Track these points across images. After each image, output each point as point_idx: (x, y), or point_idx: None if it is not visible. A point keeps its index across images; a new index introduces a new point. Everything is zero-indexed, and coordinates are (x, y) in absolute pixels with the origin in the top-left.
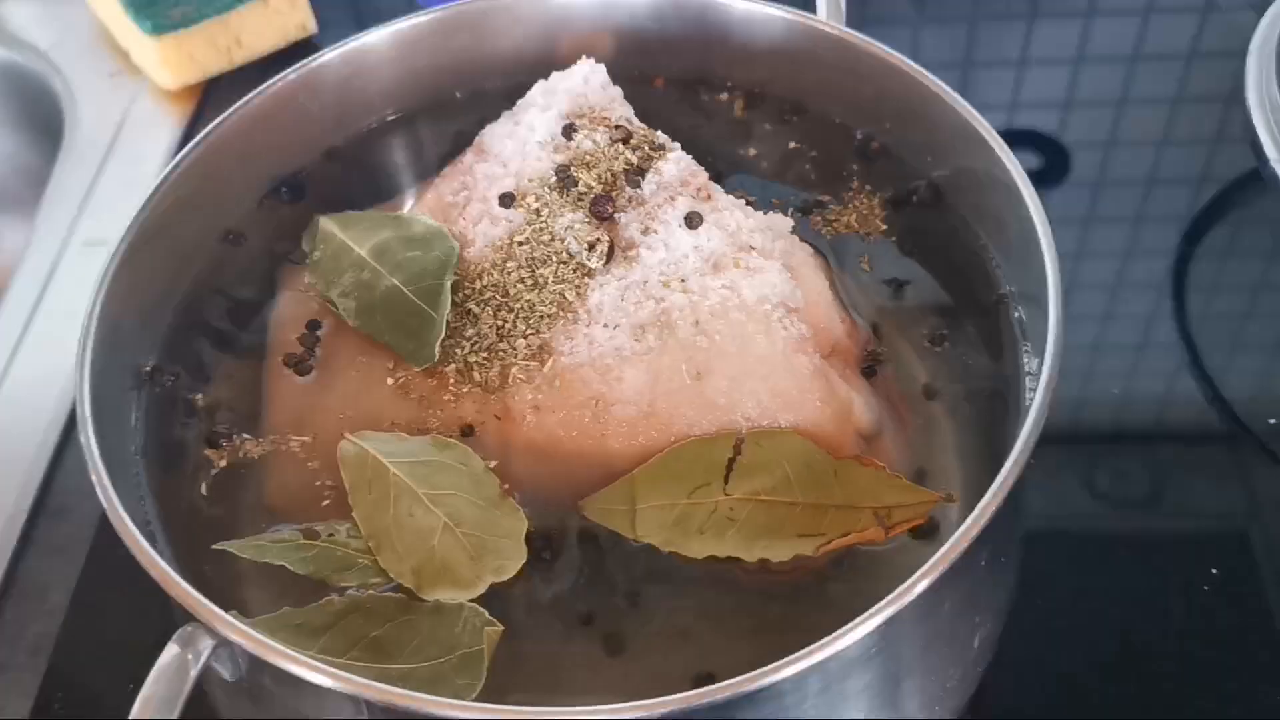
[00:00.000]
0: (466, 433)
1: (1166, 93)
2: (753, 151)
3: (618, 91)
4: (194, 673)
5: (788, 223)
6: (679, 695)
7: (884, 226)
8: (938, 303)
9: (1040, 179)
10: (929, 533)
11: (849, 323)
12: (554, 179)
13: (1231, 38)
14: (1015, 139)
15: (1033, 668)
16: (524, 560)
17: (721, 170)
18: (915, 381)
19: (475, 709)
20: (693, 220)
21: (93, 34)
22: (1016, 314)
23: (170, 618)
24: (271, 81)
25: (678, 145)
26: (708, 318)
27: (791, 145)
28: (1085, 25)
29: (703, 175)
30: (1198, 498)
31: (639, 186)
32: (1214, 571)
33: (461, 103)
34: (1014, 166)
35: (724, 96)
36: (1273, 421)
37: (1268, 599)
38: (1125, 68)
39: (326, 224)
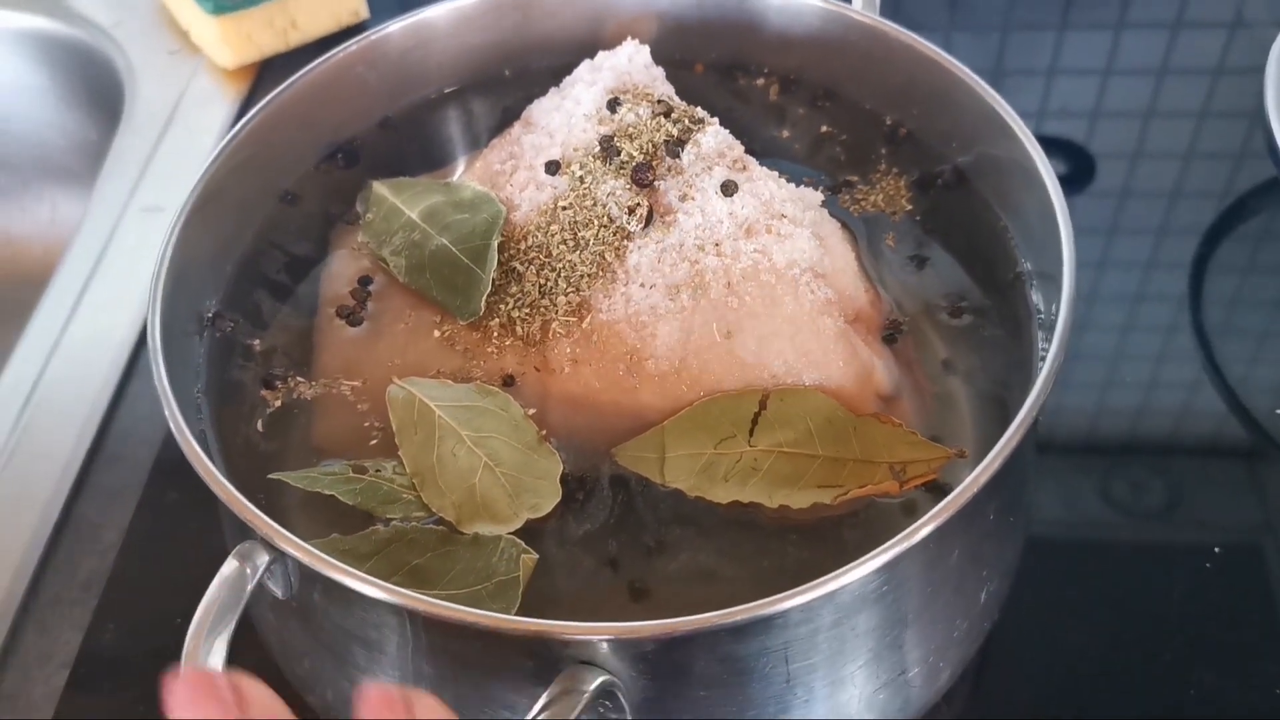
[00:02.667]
0: (508, 382)
1: (1193, 106)
2: (786, 134)
3: (660, 71)
4: (250, 585)
5: (818, 196)
6: (698, 616)
7: (909, 207)
8: (958, 279)
9: (1066, 187)
10: (941, 489)
11: (873, 293)
12: (598, 148)
13: (1258, 53)
14: (1044, 146)
15: (1034, 664)
16: (559, 499)
17: (756, 151)
18: (934, 352)
19: (510, 621)
20: (728, 188)
21: (154, 13)
22: (1033, 292)
23: (217, 556)
24: (333, 52)
25: (716, 120)
26: (739, 279)
27: (823, 129)
28: (1115, 37)
29: (739, 148)
30: (1215, 509)
31: (678, 157)
32: (1227, 582)
33: (510, 80)
34: (1036, 151)
35: (760, 81)
36: None
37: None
38: (1153, 80)
39: (379, 188)
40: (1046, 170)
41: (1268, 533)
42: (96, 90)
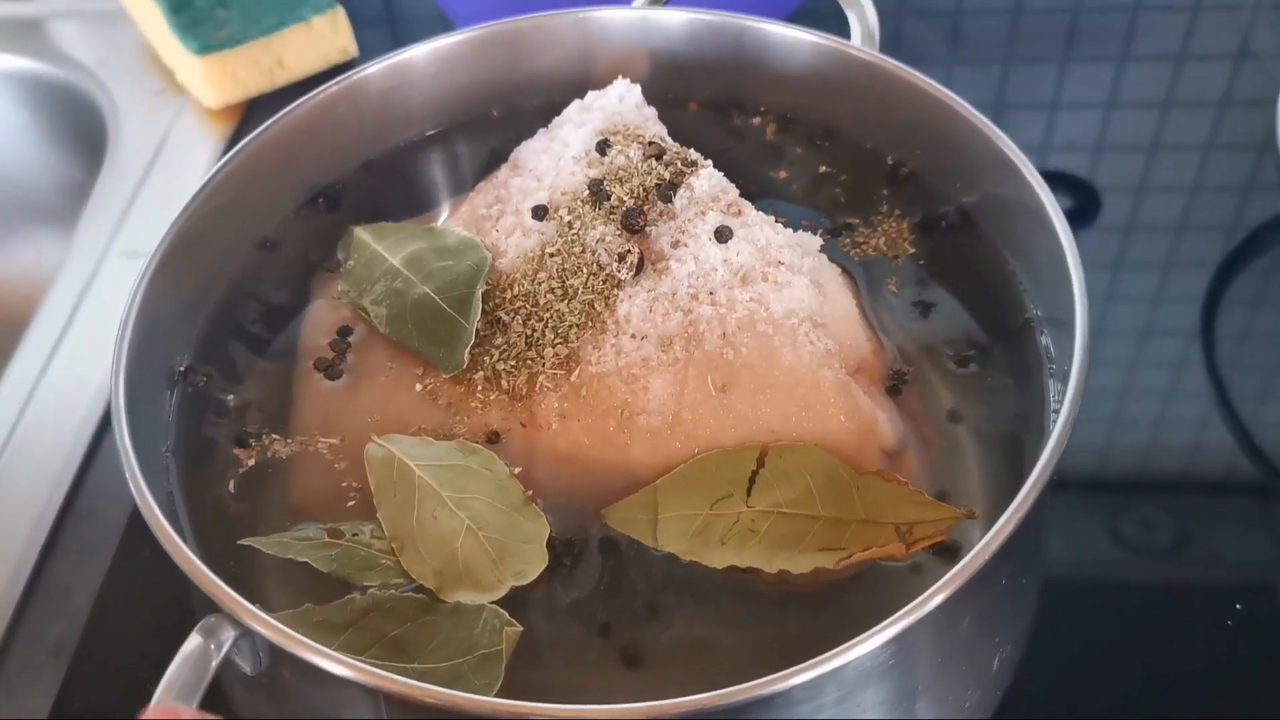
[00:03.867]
0: (492, 439)
1: (1199, 138)
2: (784, 174)
3: (652, 111)
4: (215, 662)
5: (816, 241)
6: (693, 698)
7: (912, 250)
8: (964, 326)
9: (1071, 222)
10: (950, 551)
11: (875, 342)
12: (587, 192)
13: (1266, 85)
14: (1047, 181)
15: (1053, 708)
16: (545, 565)
17: (752, 192)
18: (940, 403)
19: (491, 705)
20: (723, 234)
21: (139, 53)
22: (1043, 338)
23: (191, 622)
24: (313, 94)
25: (709, 162)
26: (734, 330)
27: (822, 169)
28: (1118, 70)
29: (734, 191)
30: (1226, 547)
31: (671, 201)
32: (1240, 622)
33: (498, 120)
34: (1044, 192)
35: (756, 120)
36: None
37: None
38: (1159, 113)
39: (361, 234)
40: (1055, 211)
41: None
42: (81, 131)
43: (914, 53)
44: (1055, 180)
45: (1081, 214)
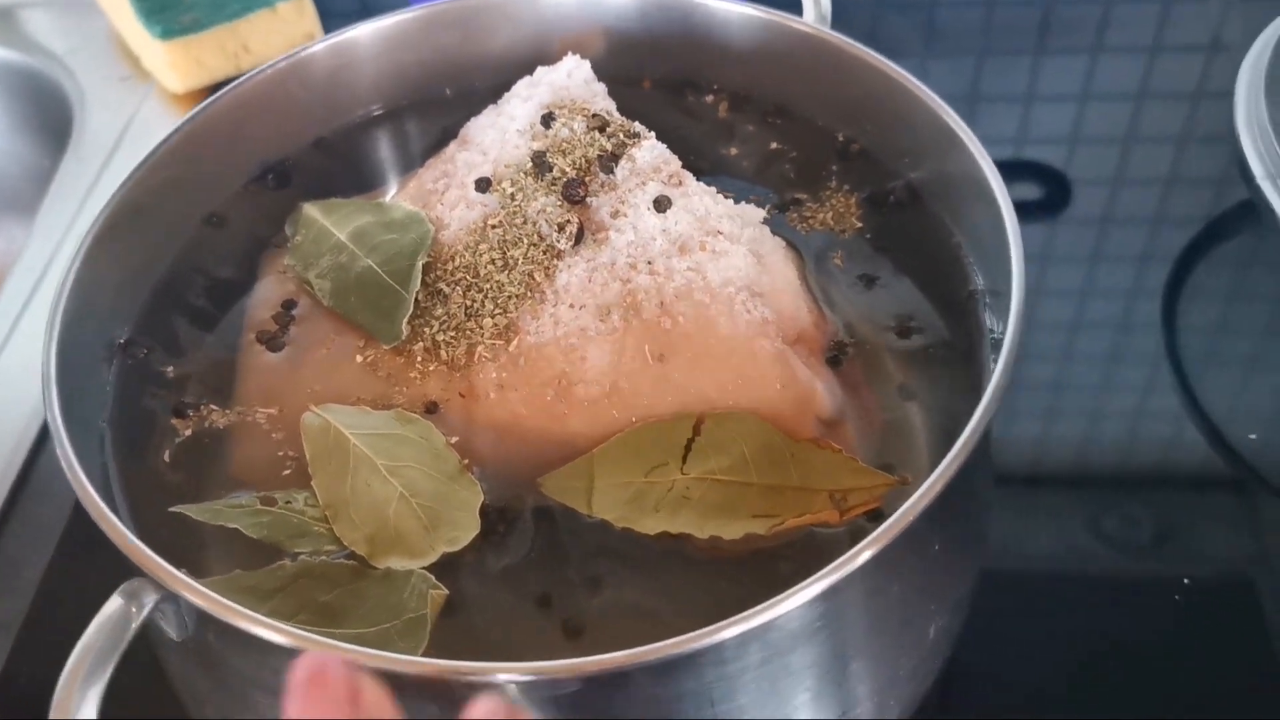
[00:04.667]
0: (431, 409)
1: (1171, 130)
2: (734, 151)
3: (601, 87)
4: (135, 625)
5: (759, 213)
6: (618, 654)
7: (860, 225)
8: (909, 299)
9: (1043, 212)
10: (884, 518)
11: (817, 314)
12: (530, 165)
13: (1235, 76)
14: (1018, 171)
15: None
16: (476, 531)
17: (703, 169)
18: (884, 375)
19: (408, 662)
20: (661, 204)
21: (108, 41)
22: (986, 310)
23: None
24: (260, 69)
25: (652, 134)
26: (672, 299)
27: (773, 145)
28: (1091, 62)
29: (676, 163)
30: (1181, 535)
31: (612, 172)
32: (1186, 605)
33: (451, 100)
34: (986, 164)
35: (709, 98)
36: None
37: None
38: (1131, 104)
39: (310, 209)
40: (998, 183)
41: (1252, 564)
42: (48, 118)
43: (889, 45)
44: (1027, 171)
45: (1053, 205)
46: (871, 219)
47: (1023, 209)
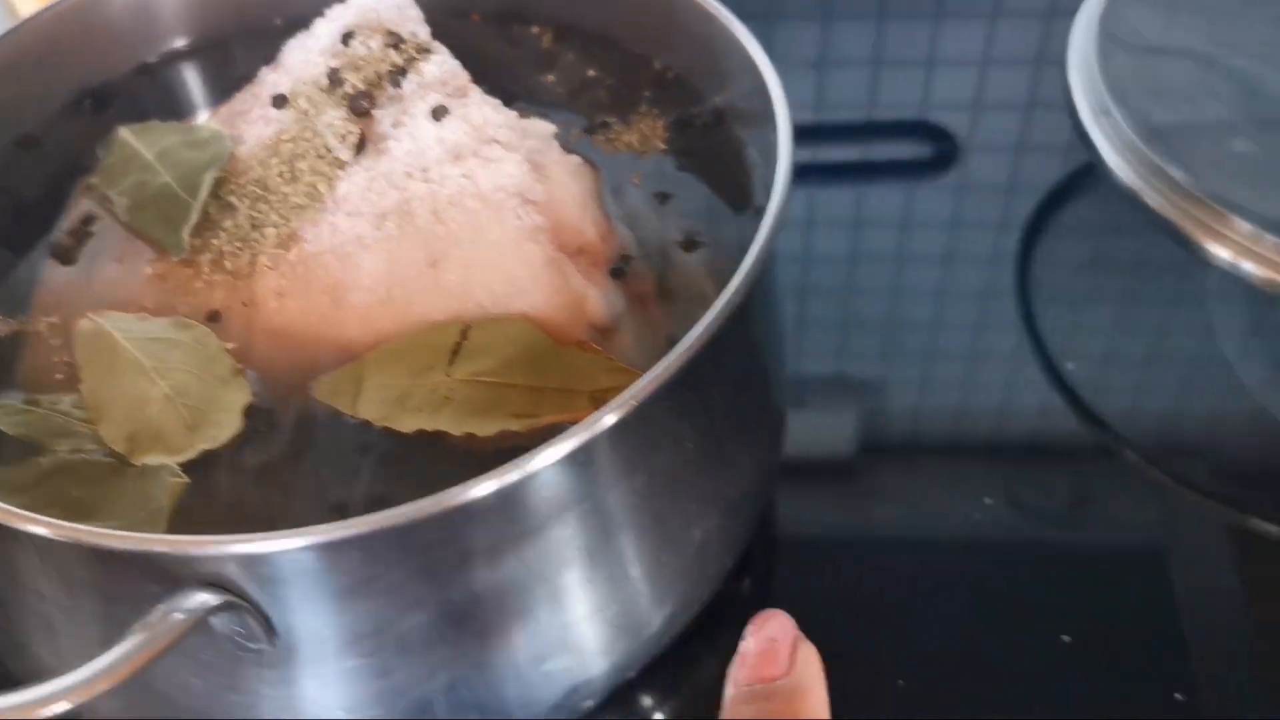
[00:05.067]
0: (213, 318)
1: (1019, 96)
2: (551, 78)
3: (417, 12)
4: None
5: (549, 128)
6: (361, 519)
7: (664, 147)
8: (699, 215)
9: (927, 169)
10: None
11: (605, 227)
12: (325, 81)
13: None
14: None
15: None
16: (237, 429)
17: (517, 94)
18: (670, 284)
19: (121, 537)
20: (438, 113)
21: None
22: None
23: None
24: None
25: (445, 50)
26: (445, 206)
27: (590, 73)
28: (935, 26)
29: (464, 77)
30: (1029, 500)
31: (400, 86)
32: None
33: (280, 29)
34: (775, 86)
35: (535, 29)
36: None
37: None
38: (975, 71)
39: (124, 133)
40: (779, 98)
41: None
42: None
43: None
44: (916, 130)
45: (936, 165)
46: (677, 142)
47: (891, 168)
